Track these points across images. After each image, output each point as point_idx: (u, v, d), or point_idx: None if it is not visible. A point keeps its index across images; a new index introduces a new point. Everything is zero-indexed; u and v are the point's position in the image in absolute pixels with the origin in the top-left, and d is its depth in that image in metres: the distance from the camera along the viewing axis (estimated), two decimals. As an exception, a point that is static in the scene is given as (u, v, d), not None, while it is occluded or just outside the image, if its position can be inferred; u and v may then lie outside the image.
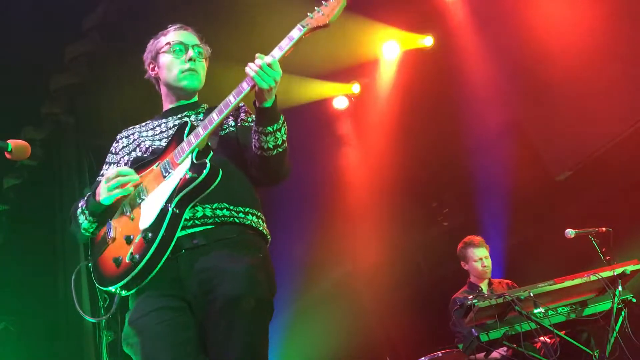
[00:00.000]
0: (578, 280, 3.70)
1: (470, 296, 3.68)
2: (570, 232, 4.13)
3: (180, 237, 2.03)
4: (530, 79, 6.07)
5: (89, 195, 2.21)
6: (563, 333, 3.76)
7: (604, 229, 4.10)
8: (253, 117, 2.22)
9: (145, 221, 2.04)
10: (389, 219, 7.03)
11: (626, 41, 5.23)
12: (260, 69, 2.03)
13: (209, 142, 2.15)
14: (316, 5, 2.12)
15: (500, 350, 3.94)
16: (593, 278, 3.68)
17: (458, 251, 4.95)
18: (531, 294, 3.58)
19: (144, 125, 2.44)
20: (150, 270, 1.97)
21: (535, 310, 3.61)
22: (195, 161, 2.07)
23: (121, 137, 2.45)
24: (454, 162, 6.65)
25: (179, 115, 2.37)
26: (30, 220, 5.69)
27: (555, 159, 6.16)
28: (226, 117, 2.16)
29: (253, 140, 2.15)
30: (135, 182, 2.14)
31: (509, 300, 3.54)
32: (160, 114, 2.46)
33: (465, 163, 6.62)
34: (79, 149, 5.98)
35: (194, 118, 2.33)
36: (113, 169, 2.23)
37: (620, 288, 3.68)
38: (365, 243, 7.25)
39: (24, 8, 4.76)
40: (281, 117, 2.14)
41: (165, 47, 2.39)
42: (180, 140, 2.16)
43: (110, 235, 2.11)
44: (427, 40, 6.62)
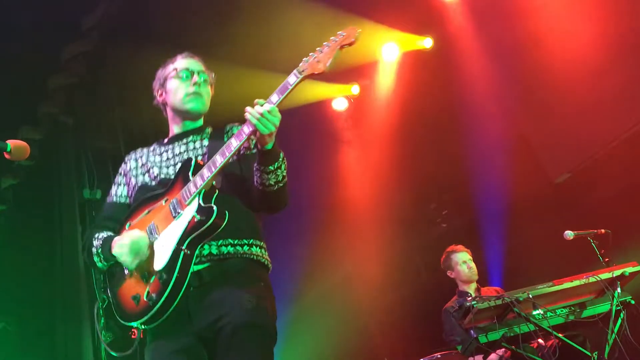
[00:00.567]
0: (577, 282, 3.70)
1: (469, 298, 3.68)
2: (569, 234, 4.12)
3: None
4: (529, 80, 6.08)
5: (105, 242, 2.34)
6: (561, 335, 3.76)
7: (602, 230, 4.10)
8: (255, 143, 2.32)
9: (159, 262, 2.20)
10: (387, 220, 7.02)
11: (626, 44, 5.24)
12: (261, 117, 2.12)
13: (214, 182, 2.27)
14: (311, 51, 2.19)
15: (499, 352, 3.94)
16: (592, 280, 3.68)
17: (442, 263, 5.02)
18: (530, 296, 3.58)
19: (152, 149, 2.56)
20: (167, 309, 2.14)
21: (534, 312, 3.61)
22: (203, 204, 2.19)
23: (129, 159, 2.58)
24: (453, 164, 6.64)
25: (184, 141, 2.49)
26: (28, 221, 5.68)
27: (554, 161, 6.16)
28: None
29: (255, 177, 2.26)
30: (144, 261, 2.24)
31: (507, 302, 3.54)
32: (166, 138, 2.58)
33: (464, 164, 6.62)
34: (77, 149, 5.98)
35: (199, 145, 2.45)
36: (127, 238, 2.28)
37: (619, 290, 3.68)
38: (363, 244, 7.24)
39: (23, 8, 4.75)
40: (281, 155, 2.24)
41: (172, 73, 2.53)
42: (186, 178, 2.27)
43: (127, 271, 2.28)
44: (427, 42, 6.62)
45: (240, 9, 5.45)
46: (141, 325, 2.21)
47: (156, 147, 2.56)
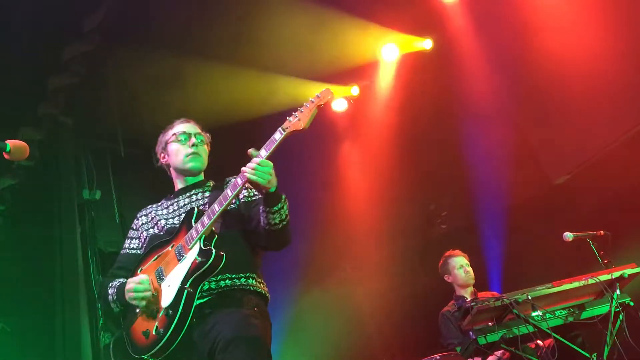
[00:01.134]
0: (576, 284, 3.70)
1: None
2: (568, 235, 4.11)
3: None
4: (529, 82, 6.09)
5: (119, 289, 2.63)
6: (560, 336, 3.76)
7: (602, 232, 4.09)
8: (253, 192, 2.72)
9: (166, 300, 2.49)
10: (387, 221, 7.02)
11: (625, 45, 5.25)
12: (255, 170, 2.40)
13: (213, 227, 2.56)
14: (293, 110, 2.50)
15: (497, 353, 3.94)
16: (591, 281, 3.68)
17: (440, 267, 5.04)
18: (529, 297, 3.58)
19: (160, 205, 2.91)
20: (173, 341, 2.40)
21: (533, 313, 3.61)
22: (203, 247, 2.50)
23: (141, 215, 2.92)
24: (452, 165, 6.64)
25: (187, 194, 2.83)
26: (27, 221, 5.67)
27: (554, 163, 6.17)
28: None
29: (261, 219, 2.54)
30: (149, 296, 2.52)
31: (506, 303, 3.54)
32: (172, 193, 2.92)
33: (464, 166, 6.62)
34: (77, 149, 5.97)
35: (201, 196, 2.80)
36: (137, 282, 2.56)
37: (618, 291, 3.69)
38: (363, 245, 7.24)
39: (23, 8, 4.75)
40: (283, 197, 2.52)
41: (172, 137, 2.89)
42: (190, 226, 2.60)
43: (138, 309, 2.56)
44: (427, 43, 6.62)
45: (240, 11, 5.45)
46: (151, 358, 2.46)
47: (163, 202, 2.90)
